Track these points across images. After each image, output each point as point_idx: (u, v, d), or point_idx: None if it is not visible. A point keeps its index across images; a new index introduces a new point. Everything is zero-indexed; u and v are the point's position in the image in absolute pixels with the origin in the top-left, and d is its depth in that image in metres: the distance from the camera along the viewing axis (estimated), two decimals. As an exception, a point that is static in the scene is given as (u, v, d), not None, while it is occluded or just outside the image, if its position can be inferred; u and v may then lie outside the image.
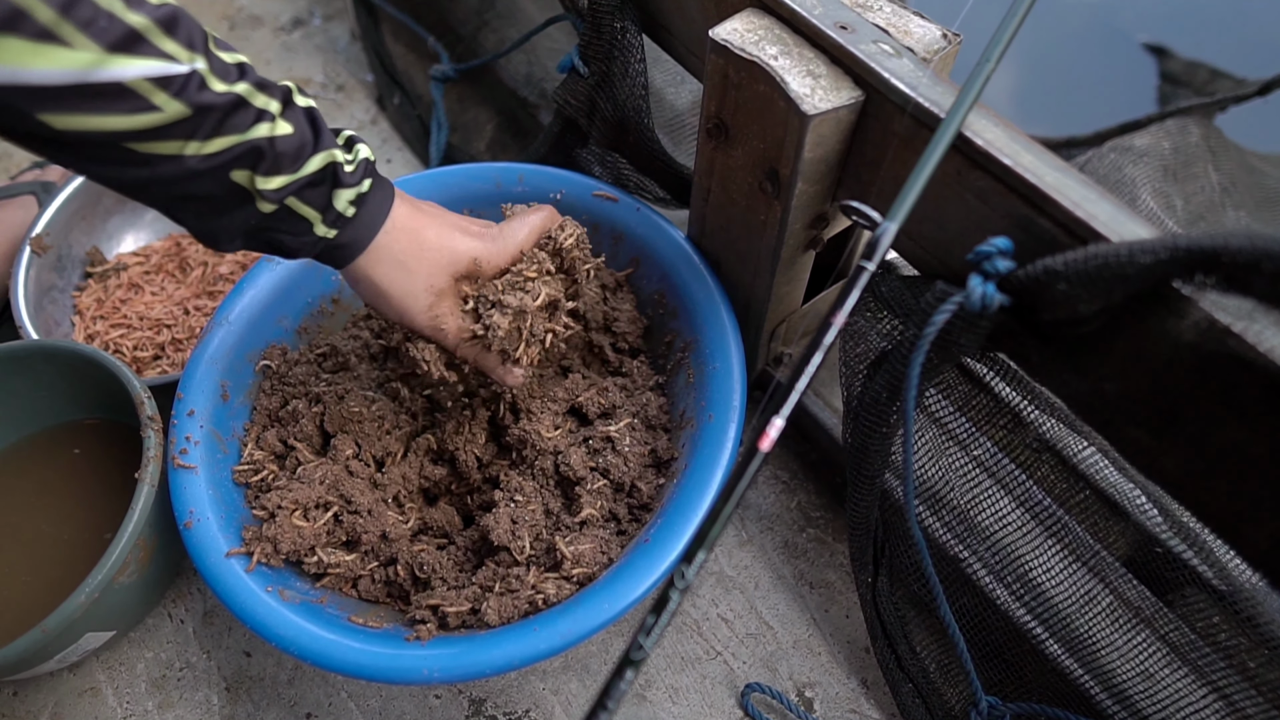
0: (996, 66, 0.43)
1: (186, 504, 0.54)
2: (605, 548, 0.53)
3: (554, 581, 0.52)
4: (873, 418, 0.48)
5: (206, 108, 0.38)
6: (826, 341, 0.38)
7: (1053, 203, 0.39)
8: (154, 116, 0.37)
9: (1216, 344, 0.34)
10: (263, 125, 0.40)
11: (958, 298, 0.40)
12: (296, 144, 0.42)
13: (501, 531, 0.54)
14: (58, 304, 0.73)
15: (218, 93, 0.39)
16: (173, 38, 0.37)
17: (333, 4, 1.06)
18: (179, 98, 0.37)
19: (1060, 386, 0.43)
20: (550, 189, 0.66)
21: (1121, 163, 0.73)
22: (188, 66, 0.38)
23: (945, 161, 0.43)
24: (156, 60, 0.37)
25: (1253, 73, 1.14)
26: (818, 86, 0.46)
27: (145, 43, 0.36)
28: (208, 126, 0.39)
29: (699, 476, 0.52)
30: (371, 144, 0.93)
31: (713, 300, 0.59)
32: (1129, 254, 0.35)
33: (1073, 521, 0.53)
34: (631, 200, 0.64)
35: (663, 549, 0.49)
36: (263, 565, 0.53)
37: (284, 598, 0.51)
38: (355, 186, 0.45)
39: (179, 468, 0.55)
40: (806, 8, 0.48)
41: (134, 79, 0.36)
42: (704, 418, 0.55)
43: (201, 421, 0.58)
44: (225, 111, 0.39)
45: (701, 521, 0.49)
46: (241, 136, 0.40)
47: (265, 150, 0.41)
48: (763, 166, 0.51)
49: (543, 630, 0.48)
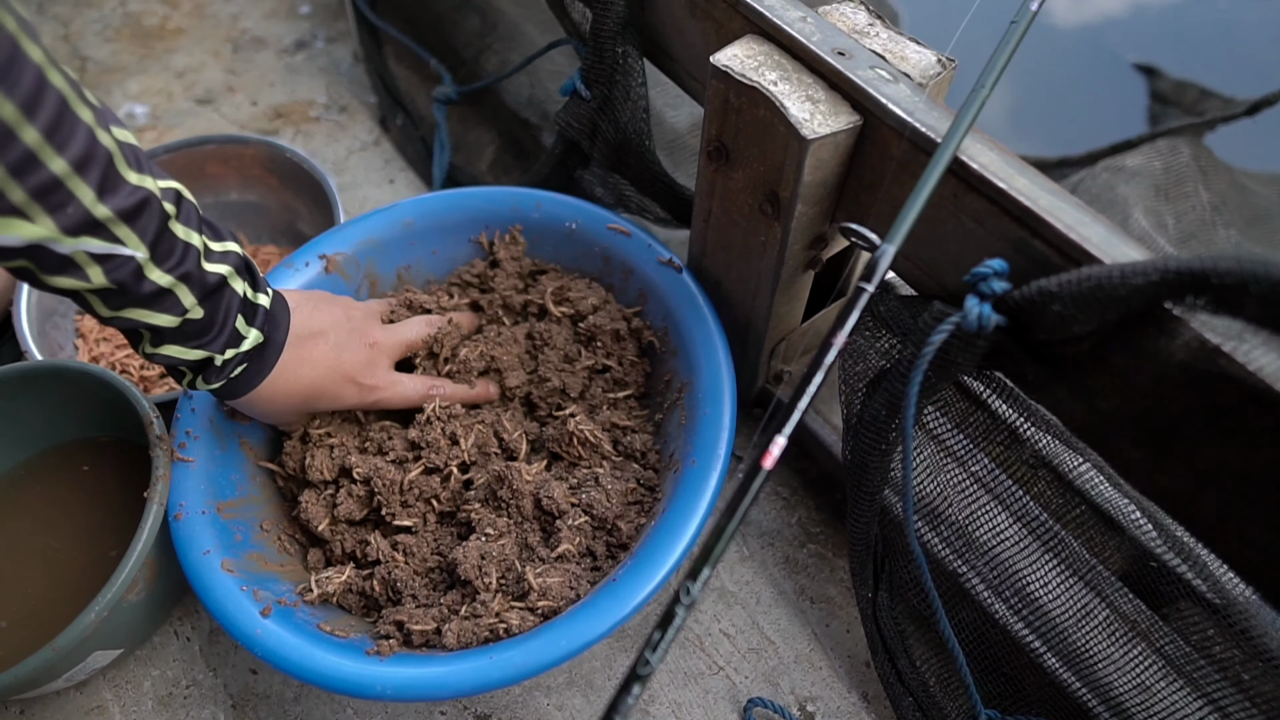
0: (991, 93, 0.44)
1: (178, 497, 0.55)
2: (575, 583, 0.53)
3: (518, 612, 0.52)
4: (872, 435, 0.48)
5: (129, 290, 0.42)
6: (827, 361, 0.39)
7: (1047, 225, 0.40)
8: (80, 284, 0.40)
9: (1207, 363, 0.35)
10: (171, 315, 0.44)
11: (955, 318, 0.41)
12: (196, 329, 0.46)
13: (469, 566, 0.54)
14: (60, 328, 0.74)
15: (149, 280, 0.42)
16: (130, 226, 0.40)
17: (336, 26, 1.07)
18: (109, 275, 0.40)
19: (1056, 404, 0.44)
20: (566, 218, 0.67)
21: (1114, 182, 0.75)
22: (130, 253, 0.41)
23: (942, 185, 0.44)
24: (105, 242, 0.39)
25: (1241, 92, 1.16)
26: (817, 111, 0.47)
27: (103, 229, 0.39)
28: (125, 301, 0.43)
29: (675, 521, 0.52)
30: (374, 164, 0.94)
31: (712, 345, 0.59)
32: (1121, 276, 0.36)
33: (1069, 536, 0.53)
34: (644, 236, 0.65)
35: (630, 590, 0.49)
36: None
37: (257, 598, 0.52)
38: (224, 379, 0.50)
39: (177, 460, 0.56)
40: (805, 34, 0.50)
41: (76, 252, 0.39)
42: (688, 462, 0.55)
43: (204, 418, 0.59)
44: (147, 297, 0.43)
45: (674, 564, 0.50)
46: (150, 316, 0.44)
47: (164, 329, 0.45)
48: (763, 188, 0.52)
49: (497, 659, 0.48)
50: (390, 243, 0.68)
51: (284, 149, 0.80)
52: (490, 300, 0.67)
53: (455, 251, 0.70)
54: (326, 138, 0.96)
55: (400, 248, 0.68)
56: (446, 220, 0.69)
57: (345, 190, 0.91)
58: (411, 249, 0.69)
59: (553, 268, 0.69)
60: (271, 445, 0.64)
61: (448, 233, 0.69)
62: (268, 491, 0.62)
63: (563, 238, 0.68)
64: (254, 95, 1.00)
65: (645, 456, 0.60)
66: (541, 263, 0.69)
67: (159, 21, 1.10)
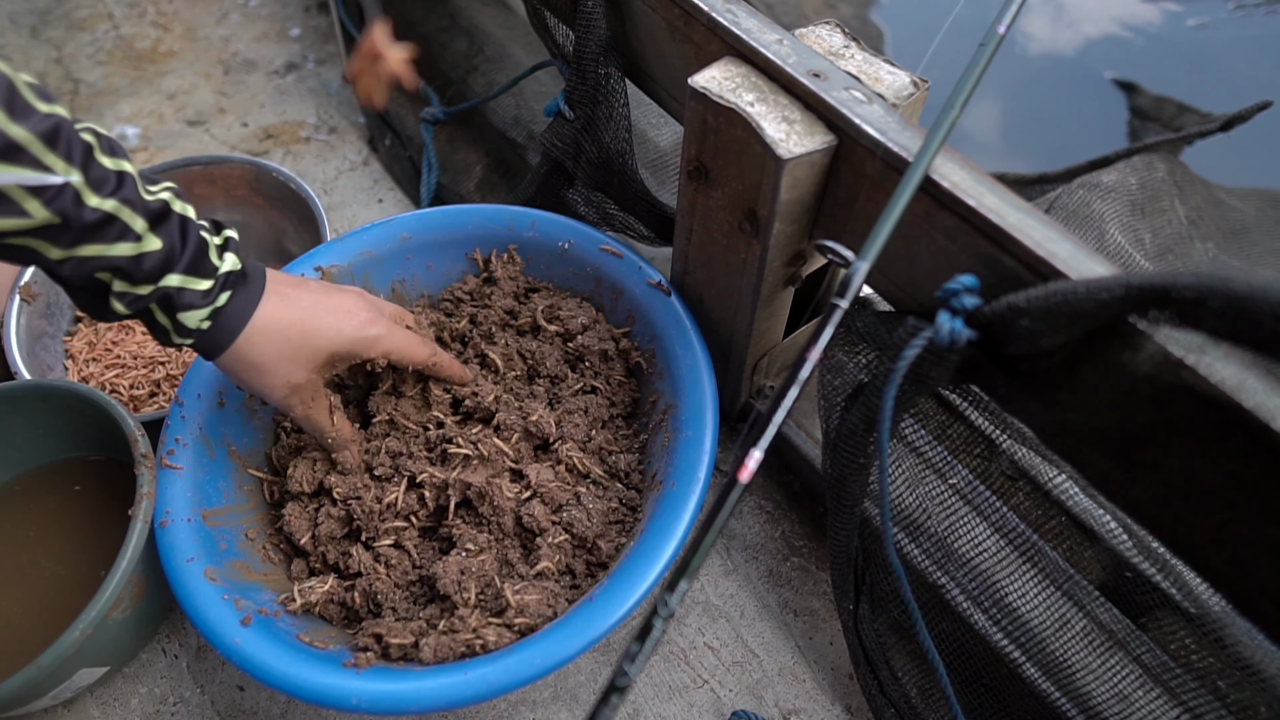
0: (960, 113, 0.45)
1: (165, 504, 0.56)
2: (553, 601, 0.54)
3: (495, 628, 0.52)
4: (850, 449, 0.49)
5: (73, 220, 0.41)
6: (803, 376, 0.40)
7: (1015, 242, 0.41)
8: (23, 221, 0.40)
9: (1171, 376, 0.36)
10: (125, 244, 0.43)
11: (927, 333, 0.42)
12: (159, 259, 0.45)
13: (449, 581, 0.54)
14: (49, 350, 0.74)
15: (89, 207, 0.41)
16: (53, 151, 0.40)
17: (325, 49, 1.08)
18: (48, 207, 0.40)
19: (1028, 417, 0.45)
20: (560, 237, 0.68)
21: (1090, 199, 0.76)
22: (62, 179, 0.40)
23: (914, 203, 0.45)
24: (33, 171, 0.39)
25: (1218, 107, 1.18)
26: (792, 131, 0.48)
27: (25, 154, 0.39)
28: (73, 235, 0.41)
29: (653, 542, 0.52)
30: (363, 184, 0.95)
31: (697, 368, 0.60)
32: (1086, 290, 0.37)
33: (1047, 547, 0.54)
34: (635, 258, 0.66)
35: (606, 609, 0.50)
36: None
37: (239, 607, 0.52)
38: (210, 304, 0.48)
39: (165, 467, 0.57)
40: (781, 56, 0.51)
41: (9, 185, 0.39)
42: (669, 484, 0.55)
43: (194, 425, 0.59)
44: (93, 226, 0.42)
45: (651, 585, 0.51)
46: (105, 249, 0.43)
47: (125, 265, 0.44)
48: (742, 207, 0.53)
49: (472, 675, 0.48)
50: (387, 257, 0.69)
51: (269, 168, 0.80)
52: (486, 316, 0.68)
53: (450, 267, 0.71)
54: (316, 158, 0.97)
55: (397, 262, 0.69)
56: (443, 236, 0.69)
57: (334, 210, 0.92)
58: (407, 264, 0.70)
59: (545, 286, 0.70)
60: (259, 453, 0.64)
61: (444, 248, 0.70)
62: (254, 500, 0.62)
63: (556, 257, 0.68)
64: (244, 116, 1.01)
65: (629, 476, 0.61)
66: (535, 280, 0.70)
67: (151, 44, 1.11)
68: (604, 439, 0.62)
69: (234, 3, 1.16)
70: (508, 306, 0.68)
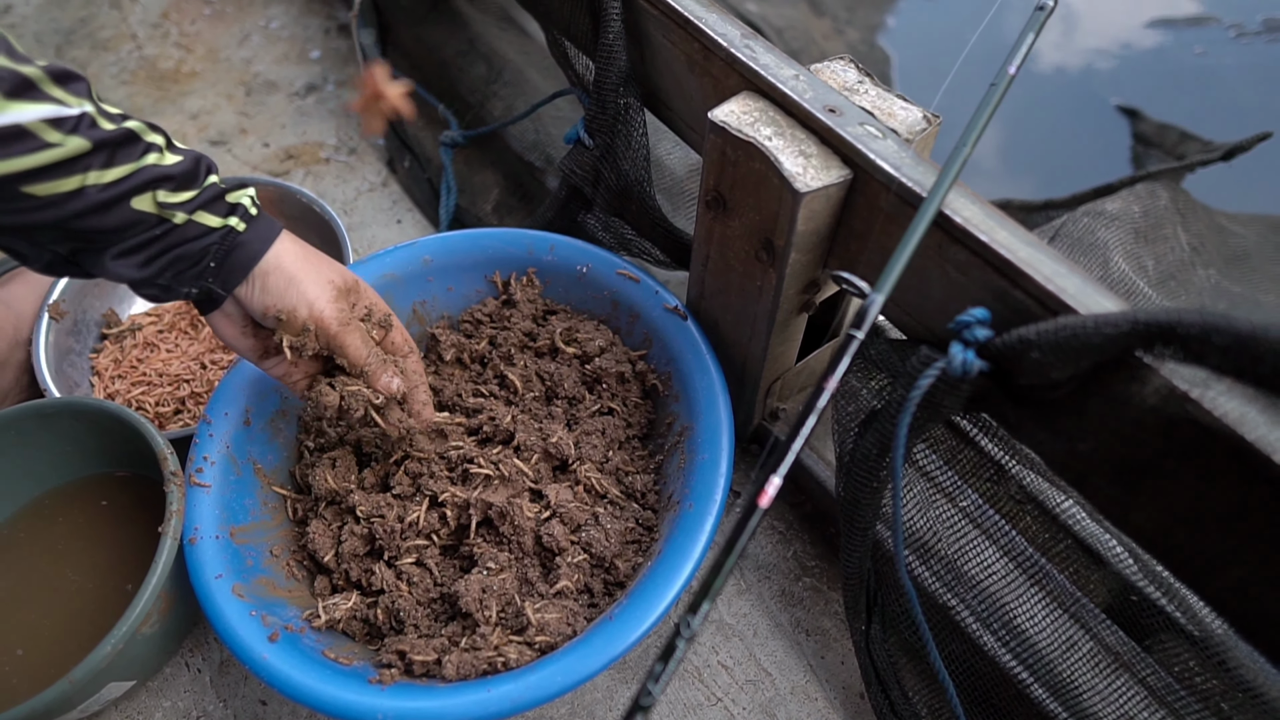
0: (972, 151, 0.47)
1: (194, 521, 0.57)
2: (572, 619, 0.55)
3: (516, 646, 0.54)
4: (864, 473, 0.51)
5: (101, 141, 0.43)
6: (820, 405, 0.42)
7: (1026, 277, 0.43)
8: (54, 153, 0.42)
9: (1176, 408, 0.38)
10: (152, 154, 0.46)
11: (940, 363, 0.44)
12: (189, 167, 0.48)
13: (471, 599, 0.56)
14: (76, 367, 0.76)
15: (109, 130, 0.44)
16: (62, 87, 0.43)
17: (345, 70, 1.10)
18: (75, 134, 0.42)
19: (1037, 445, 0.46)
20: (578, 262, 0.70)
21: (1094, 226, 0.78)
22: (78, 109, 0.43)
23: (927, 236, 0.46)
24: (50, 105, 0.42)
25: (1220, 134, 1.20)
26: (809, 165, 0.50)
27: (37, 90, 0.41)
28: (103, 157, 0.44)
29: (671, 563, 0.54)
30: (382, 205, 0.97)
31: (713, 391, 0.61)
32: (1095, 325, 0.38)
33: (1054, 570, 0.55)
34: (651, 282, 0.67)
35: (625, 629, 0.51)
36: None
37: (265, 623, 0.54)
38: (247, 191, 0.51)
39: (194, 485, 0.59)
40: (798, 92, 0.52)
41: (31, 121, 0.41)
42: (686, 505, 0.57)
43: (221, 444, 0.61)
44: (118, 143, 0.44)
45: (669, 604, 0.52)
46: (136, 164, 0.45)
47: (163, 172, 0.46)
48: (758, 236, 0.55)
49: (495, 692, 0.49)
50: (409, 278, 0.71)
51: (295, 191, 0.82)
52: (505, 338, 0.70)
53: (470, 289, 0.72)
54: (336, 179, 0.99)
55: (418, 283, 0.71)
56: (465, 259, 0.71)
57: (354, 230, 0.94)
58: (429, 285, 0.71)
59: (563, 308, 0.71)
60: (283, 470, 0.66)
61: (464, 271, 0.72)
62: (279, 516, 0.64)
63: (574, 280, 0.70)
64: (266, 137, 1.03)
65: (645, 496, 0.62)
66: (553, 303, 0.72)
67: (174, 65, 1.13)
68: (621, 460, 0.64)
69: (255, 25, 1.18)
70: (526, 329, 0.70)
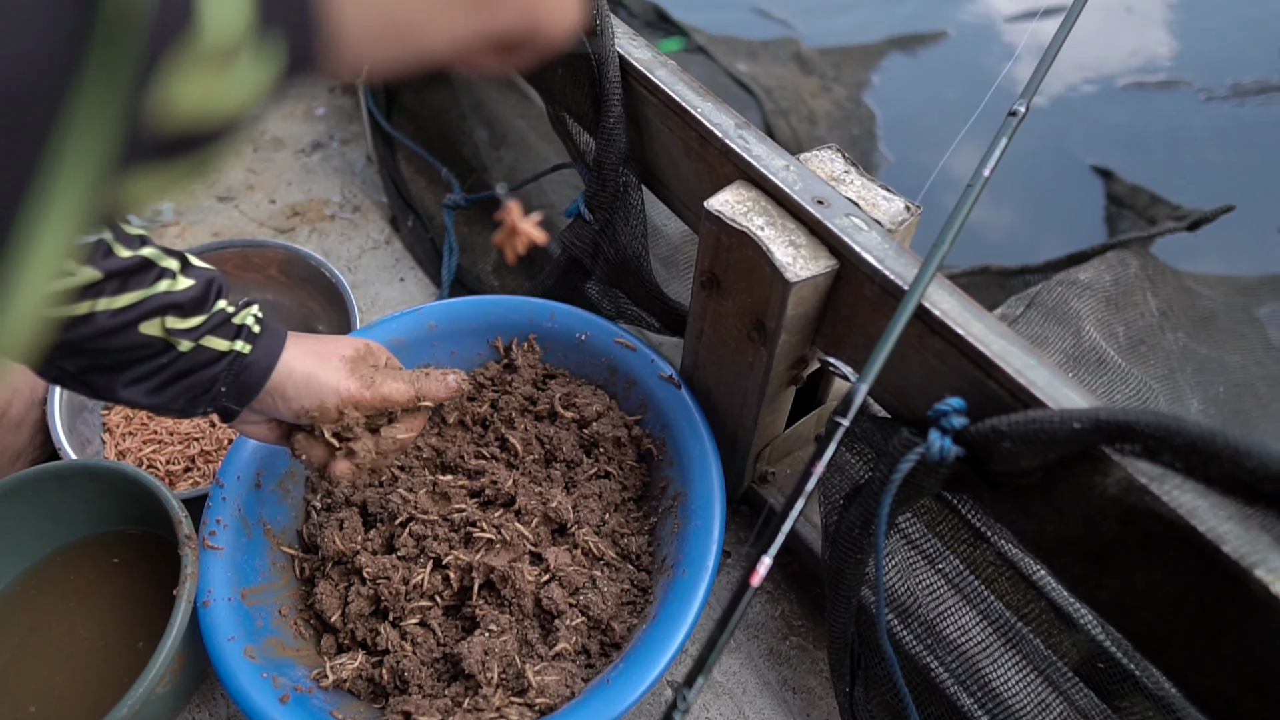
0: (950, 248, 0.50)
1: (207, 584, 0.60)
2: (570, 681, 0.57)
3: (518, 708, 0.56)
4: (848, 545, 0.54)
5: (113, 271, 0.44)
6: (808, 489, 0.45)
7: (998, 369, 0.46)
8: (69, 281, 0.42)
9: (1136, 499, 0.41)
10: (164, 281, 0.47)
11: (920, 449, 0.47)
12: (199, 294, 0.48)
13: (473, 660, 0.58)
14: (88, 424, 0.78)
15: (124, 259, 0.45)
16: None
17: (350, 129, 1.14)
18: (89, 264, 0.43)
19: (1010, 524, 0.49)
20: (577, 329, 0.73)
21: (1067, 296, 0.82)
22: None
23: (908, 326, 0.50)
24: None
25: (1188, 197, 1.25)
26: (799, 255, 0.54)
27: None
28: (115, 284, 0.45)
29: (665, 628, 0.56)
30: (385, 262, 1.00)
31: (706, 459, 0.64)
32: (1060, 421, 0.42)
33: (1029, 633, 0.58)
34: (648, 351, 0.71)
35: (621, 692, 0.53)
36: None
37: (276, 685, 0.56)
38: (251, 310, 0.51)
39: (207, 548, 0.61)
40: (788, 183, 0.56)
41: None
42: (679, 571, 0.59)
43: (234, 506, 0.64)
44: (131, 272, 0.45)
45: (663, 669, 0.55)
46: (148, 291, 0.46)
47: (173, 300, 0.47)
48: (750, 317, 0.58)
49: None
50: (414, 343, 0.74)
51: (302, 253, 0.85)
52: (507, 401, 0.73)
53: (472, 353, 0.76)
54: (340, 236, 1.02)
55: (423, 347, 0.74)
56: (468, 325, 0.75)
57: (357, 288, 0.97)
58: (433, 349, 0.74)
59: (562, 372, 0.75)
60: (291, 530, 0.68)
61: (467, 335, 0.75)
62: (286, 576, 0.66)
63: (573, 346, 0.73)
64: (272, 193, 1.07)
65: (639, 558, 0.65)
66: (553, 368, 0.75)
67: (180, 120, 1.16)
68: (617, 522, 0.66)
69: (260, 81, 1.22)
70: (527, 393, 0.73)
